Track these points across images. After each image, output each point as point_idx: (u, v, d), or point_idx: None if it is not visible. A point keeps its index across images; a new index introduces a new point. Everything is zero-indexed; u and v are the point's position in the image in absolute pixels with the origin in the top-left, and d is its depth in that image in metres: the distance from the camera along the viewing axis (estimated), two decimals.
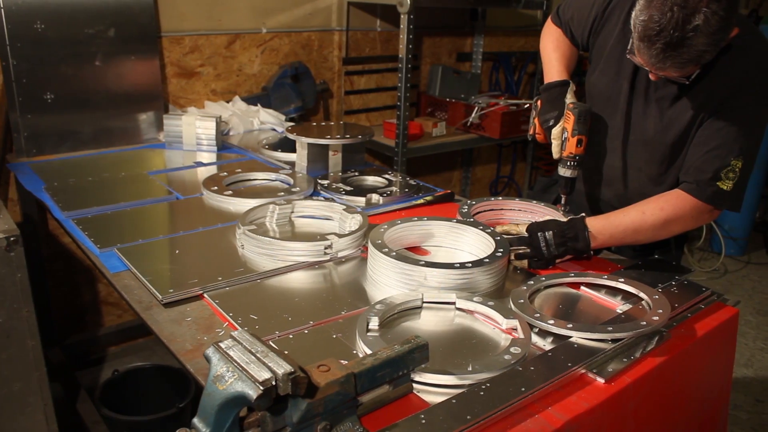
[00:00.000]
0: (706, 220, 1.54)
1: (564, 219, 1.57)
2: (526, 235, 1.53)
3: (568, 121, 1.61)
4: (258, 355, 0.87)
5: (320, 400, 0.90)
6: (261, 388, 0.81)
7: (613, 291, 1.43)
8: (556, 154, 1.66)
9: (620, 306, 1.37)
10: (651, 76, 1.45)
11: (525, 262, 1.53)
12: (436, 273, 1.35)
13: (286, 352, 0.91)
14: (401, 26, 2.71)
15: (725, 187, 1.45)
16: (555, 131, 1.64)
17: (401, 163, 2.88)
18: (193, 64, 2.72)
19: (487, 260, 1.40)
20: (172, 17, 2.62)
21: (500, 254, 1.43)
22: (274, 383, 0.83)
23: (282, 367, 0.84)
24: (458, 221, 1.60)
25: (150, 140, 2.57)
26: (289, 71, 2.81)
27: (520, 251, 1.53)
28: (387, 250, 1.41)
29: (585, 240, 1.50)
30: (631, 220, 1.50)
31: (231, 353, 0.88)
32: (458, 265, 1.36)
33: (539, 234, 1.50)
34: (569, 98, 1.66)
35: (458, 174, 3.89)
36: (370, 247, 1.44)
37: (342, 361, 0.98)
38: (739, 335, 3.22)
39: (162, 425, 2.14)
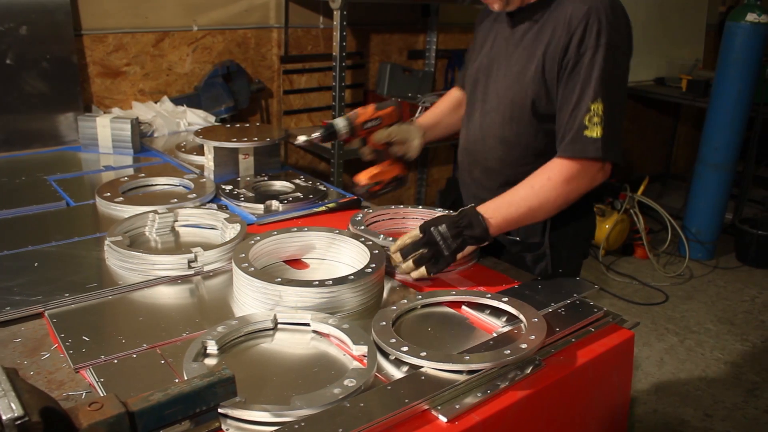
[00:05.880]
0: (600, 177, 1.49)
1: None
2: (420, 235, 1.42)
3: None
4: None
5: None
6: None
7: (498, 312, 1.31)
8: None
9: (498, 329, 1.26)
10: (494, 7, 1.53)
11: (423, 270, 1.40)
12: (291, 291, 1.23)
13: (40, 390, 0.80)
14: (334, 22, 2.59)
15: (594, 134, 1.42)
16: None
17: (338, 165, 2.77)
18: (119, 63, 2.62)
19: (352, 277, 1.28)
20: (94, 15, 2.52)
21: (370, 270, 1.31)
22: None
23: (12, 411, 0.73)
24: (339, 232, 1.49)
25: (69, 142, 2.46)
26: (221, 70, 2.70)
27: (418, 256, 1.41)
28: (246, 265, 1.30)
29: (481, 225, 1.42)
30: (521, 196, 1.45)
31: None
32: (317, 282, 1.25)
33: (432, 229, 1.40)
34: None
35: (413, 176, 3.77)
36: (233, 262, 1.33)
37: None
38: (696, 344, 3.10)
39: None
